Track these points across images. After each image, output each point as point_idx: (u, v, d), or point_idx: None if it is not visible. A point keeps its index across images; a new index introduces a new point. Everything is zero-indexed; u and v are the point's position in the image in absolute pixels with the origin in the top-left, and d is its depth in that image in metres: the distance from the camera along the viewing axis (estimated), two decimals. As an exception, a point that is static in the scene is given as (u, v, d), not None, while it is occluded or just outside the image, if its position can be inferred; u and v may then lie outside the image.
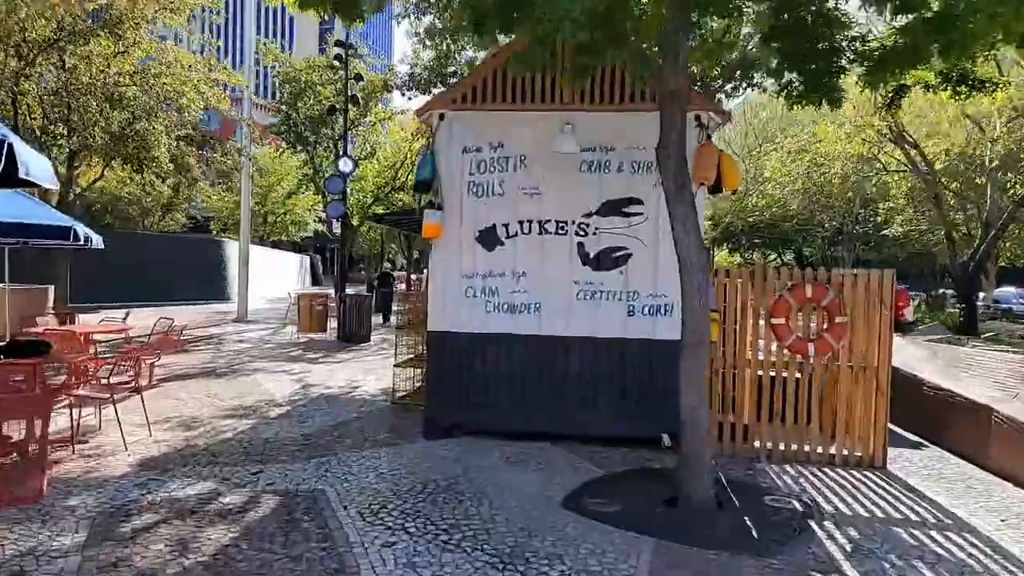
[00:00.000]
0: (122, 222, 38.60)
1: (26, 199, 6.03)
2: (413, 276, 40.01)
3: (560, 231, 6.25)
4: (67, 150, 11.45)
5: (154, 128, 11.06)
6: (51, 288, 12.44)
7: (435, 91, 14.11)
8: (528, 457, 5.66)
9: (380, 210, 21.85)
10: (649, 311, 6.13)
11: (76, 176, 13.03)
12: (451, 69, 13.98)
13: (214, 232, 38.30)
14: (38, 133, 10.76)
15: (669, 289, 6.07)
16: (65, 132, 10.76)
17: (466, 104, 6.37)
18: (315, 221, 49.07)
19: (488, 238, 6.33)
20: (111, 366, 5.95)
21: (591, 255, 6.21)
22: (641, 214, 6.16)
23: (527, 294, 6.27)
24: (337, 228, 21.42)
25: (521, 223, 6.29)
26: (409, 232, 11.57)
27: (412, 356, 8.38)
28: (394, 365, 8.05)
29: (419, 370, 8.30)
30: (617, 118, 6.19)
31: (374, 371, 10.29)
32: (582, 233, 6.22)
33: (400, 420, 7.02)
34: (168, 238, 27.85)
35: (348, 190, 14.70)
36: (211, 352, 11.79)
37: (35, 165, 3.23)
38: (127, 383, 6.04)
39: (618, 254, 6.19)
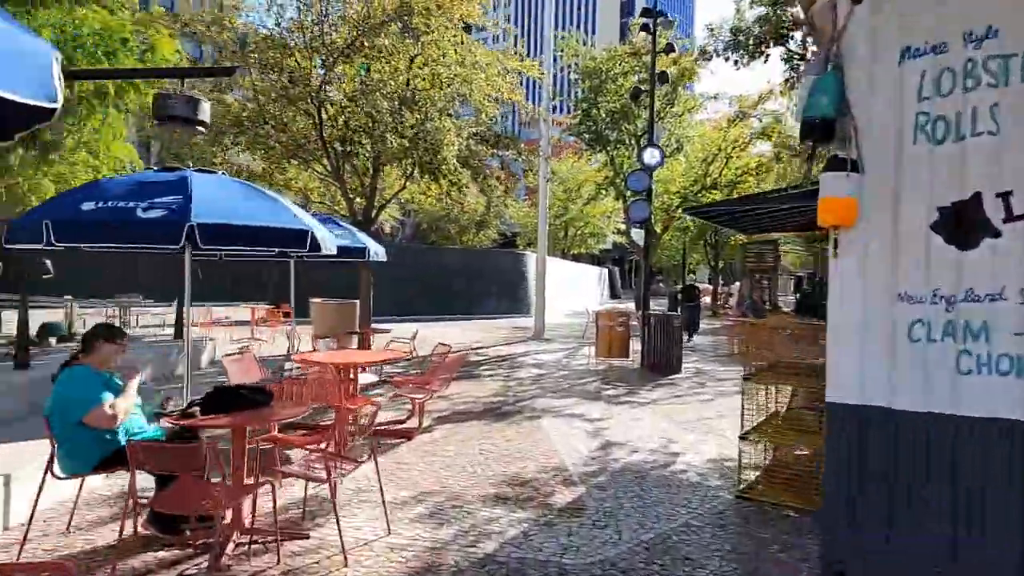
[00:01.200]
0: (443, 239, 42.42)
1: (262, 196, 4.75)
2: (722, 289, 35.90)
3: None
4: (369, 159, 11.13)
5: (443, 125, 10.05)
6: (357, 304, 12.37)
7: (768, 50, 10.84)
8: None
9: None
10: None
11: (383, 189, 12.91)
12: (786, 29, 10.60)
13: (520, 247, 39.61)
14: (342, 144, 10.53)
15: None
16: (366, 142, 10.32)
17: (911, -37, 3.28)
18: (614, 232, 48.26)
19: (960, 224, 3.14)
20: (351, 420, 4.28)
21: None
22: None
23: (1066, 340, 2.92)
24: (638, 236, 19.19)
25: (1048, 188, 2.97)
26: (739, 230, 8.58)
27: (763, 419, 5.44)
28: (739, 436, 5.19)
29: (775, 445, 5.33)
30: None
31: (693, 425, 7.50)
32: None
33: (759, 541, 4.15)
34: (472, 252, 28.92)
35: (652, 189, 12.21)
36: (501, 379, 10.31)
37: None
38: (381, 435, 4.30)
39: None
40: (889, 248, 3.28)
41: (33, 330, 8.75)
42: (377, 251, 7.85)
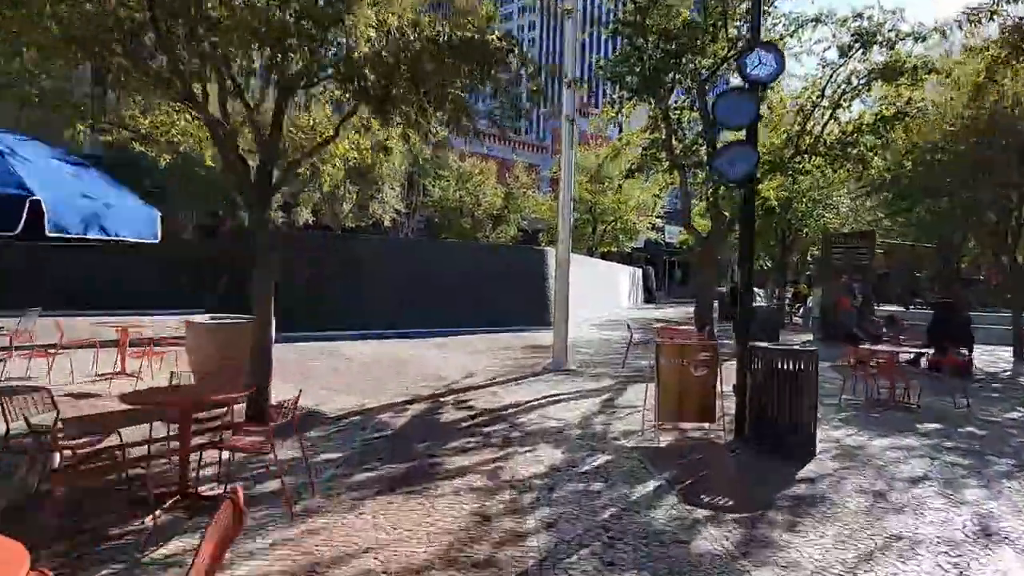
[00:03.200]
0: (455, 235, 37.43)
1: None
2: (793, 288, 29.23)
3: None
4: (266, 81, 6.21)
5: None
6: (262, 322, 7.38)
7: None
8: None
9: (772, 190, 13.72)
10: None
11: (297, 134, 7.99)
12: None
13: (543, 244, 34.40)
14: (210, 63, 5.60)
15: None
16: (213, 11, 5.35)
17: None
18: (648, 228, 42.65)
19: None
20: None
21: None
22: None
23: None
24: (673, 235, 14.16)
25: None
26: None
27: None
28: None
29: None
30: None
31: None
32: None
33: None
34: (479, 248, 23.71)
35: (759, 121, 6.96)
36: (480, 485, 5.20)
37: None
38: None
39: None
40: None
41: None
42: (138, 226, 2.81)
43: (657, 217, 42.79)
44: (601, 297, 25.87)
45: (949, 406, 8.90)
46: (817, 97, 12.07)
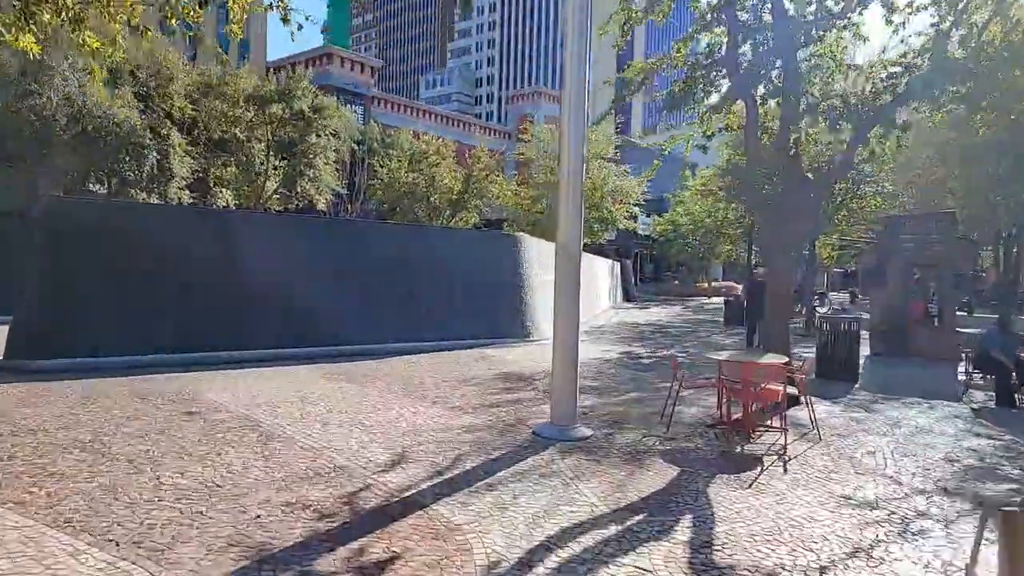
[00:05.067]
0: (409, 224, 32.25)
1: None
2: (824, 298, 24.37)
3: None
4: None
5: None
6: None
7: None
8: None
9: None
10: None
11: None
12: None
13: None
14: None
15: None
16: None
17: None
18: (624, 217, 38.01)
19: None
20: None
21: None
22: None
23: None
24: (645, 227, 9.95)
25: None
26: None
27: None
28: None
29: None
30: None
31: None
32: None
33: None
34: (428, 232, 18.21)
35: None
36: None
37: None
38: None
39: None
40: None
41: None
42: None
43: (635, 204, 38.35)
44: (583, 297, 21.12)
45: None
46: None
